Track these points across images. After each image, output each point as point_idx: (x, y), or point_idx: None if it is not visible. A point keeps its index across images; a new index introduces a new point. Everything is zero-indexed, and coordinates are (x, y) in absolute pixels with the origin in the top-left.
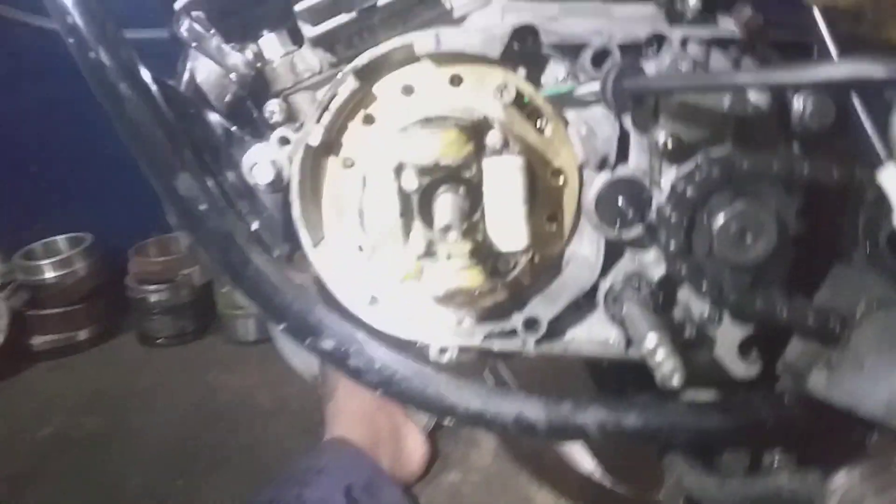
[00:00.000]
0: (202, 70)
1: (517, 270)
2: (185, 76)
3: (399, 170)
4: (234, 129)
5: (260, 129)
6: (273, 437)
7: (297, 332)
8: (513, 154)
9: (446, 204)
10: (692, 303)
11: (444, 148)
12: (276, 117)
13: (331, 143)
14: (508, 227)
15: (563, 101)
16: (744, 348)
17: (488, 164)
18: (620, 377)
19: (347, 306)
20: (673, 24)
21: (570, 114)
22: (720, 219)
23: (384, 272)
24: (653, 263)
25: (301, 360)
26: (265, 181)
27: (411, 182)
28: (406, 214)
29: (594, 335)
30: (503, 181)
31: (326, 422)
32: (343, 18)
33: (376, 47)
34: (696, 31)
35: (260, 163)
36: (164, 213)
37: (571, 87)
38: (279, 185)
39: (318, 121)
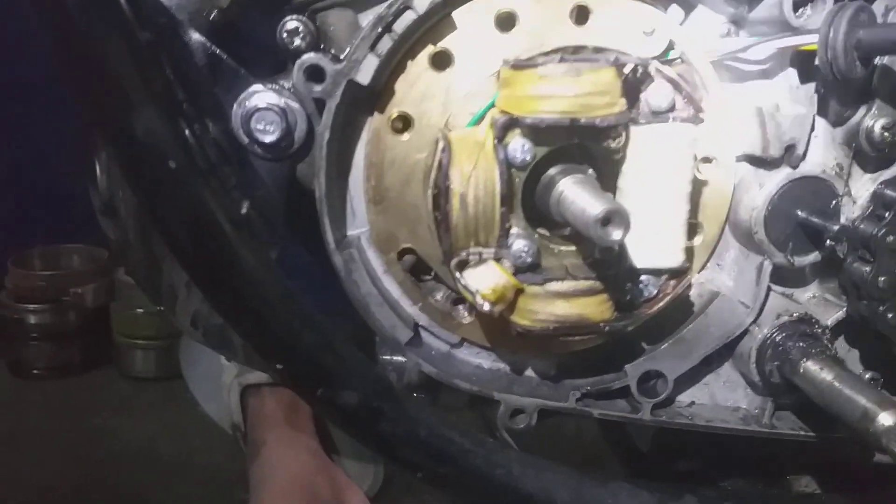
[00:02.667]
0: None
1: (658, 302)
2: None
3: (505, 129)
4: (225, 57)
5: (263, 62)
6: (176, 499)
7: (303, 377)
8: (685, 120)
9: (573, 191)
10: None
11: (590, 96)
12: (299, 41)
13: (376, 93)
14: (661, 233)
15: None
16: None
17: (644, 132)
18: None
19: (387, 337)
20: None
21: (739, 85)
22: None
23: (460, 287)
24: (816, 303)
25: (218, 404)
26: (268, 140)
27: (522, 150)
28: (508, 203)
29: (720, 399)
30: (662, 161)
31: (252, 485)
32: None
33: None
34: None
35: (262, 111)
36: (56, 214)
37: (757, 39)
38: (286, 149)
39: (373, 48)
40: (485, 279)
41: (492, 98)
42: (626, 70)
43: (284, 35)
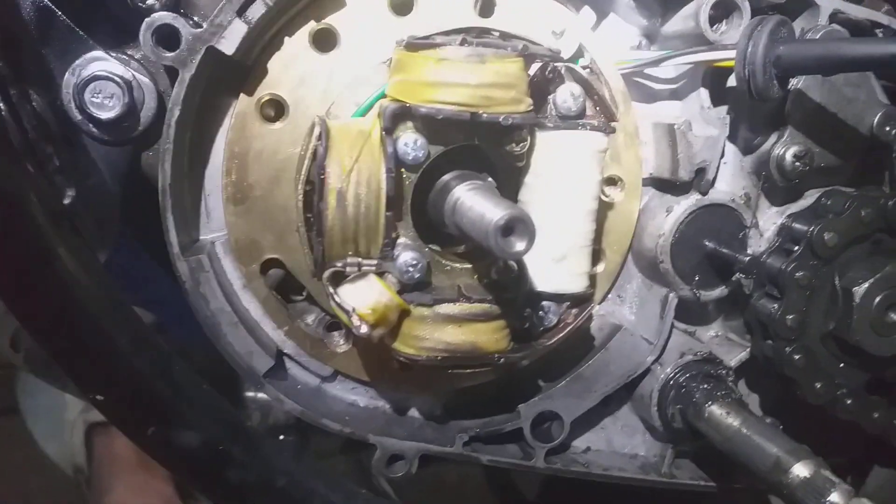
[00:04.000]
0: None
1: (558, 332)
2: None
3: (395, 119)
4: (59, 13)
5: (111, 28)
6: None
7: (130, 412)
8: (595, 128)
9: (471, 197)
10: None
11: (495, 87)
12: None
13: (243, 70)
14: (565, 254)
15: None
16: None
17: (550, 138)
18: None
19: (241, 366)
20: None
21: (648, 105)
22: (862, 284)
23: (333, 305)
24: (719, 342)
25: (60, 444)
26: (105, 116)
27: (414, 147)
28: (395, 207)
29: (618, 445)
30: (569, 173)
31: None
32: None
33: None
34: (848, 8)
35: (100, 81)
36: None
37: (667, 53)
38: (129, 130)
39: (242, 13)
40: (363, 296)
41: (382, 87)
42: (534, 65)
43: None
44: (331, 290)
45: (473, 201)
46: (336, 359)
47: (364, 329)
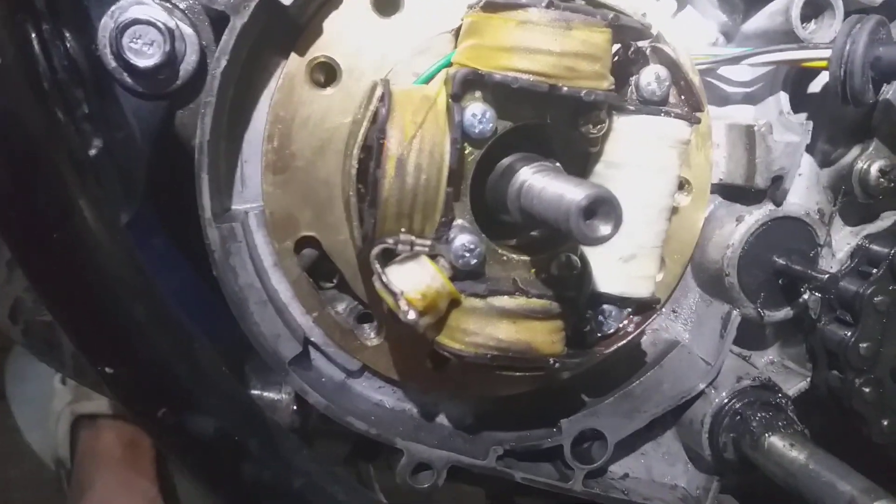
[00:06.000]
0: None
1: (617, 340)
2: None
3: (465, 86)
4: None
5: None
6: None
7: (141, 389)
8: (680, 116)
9: (542, 180)
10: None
11: (579, 58)
12: None
13: (297, 27)
14: (634, 254)
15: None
16: None
17: (629, 124)
18: None
19: (267, 349)
20: None
21: (719, 108)
22: None
23: (378, 286)
24: (775, 369)
25: (43, 433)
26: (143, 64)
27: (483, 119)
28: (455, 183)
29: (657, 474)
30: (646, 163)
31: None
32: None
33: None
34: None
35: (141, 26)
36: None
37: (751, 49)
38: (166, 83)
39: None
40: (413, 279)
41: (446, 57)
42: (617, 47)
43: None
44: (379, 269)
45: (546, 183)
46: (365, 353)
47: (412, 315)
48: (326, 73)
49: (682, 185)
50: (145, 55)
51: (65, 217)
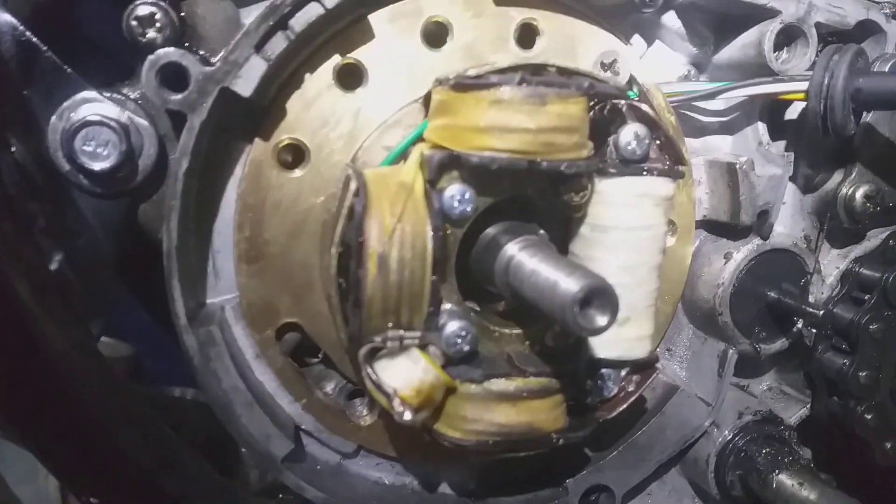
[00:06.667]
0: None
1: (620, 403)
2: None
3: (441, 170)
4: (44, 49)
5: (104, 65)
6: None
7: None
8: (662, 173)
9: (531, 260)
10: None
11: (556, 132)
12: (154, 33)
13: (259, 113)
14: (628, 316)
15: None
16: None
17: (612, 186)
18: None
19: (258, 452)
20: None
21: (694, 140)
22: None
23: (369, 386)
24: (773, 396)
25: (33, 491)
26: (99, 167)
27: (462, 200)
28: (440, 269)
29: None
30: (632, 223)
31: None
32: None
33: None
34: None
35: (93, 127)
36: None
37: (726, 84)
38: (125, 181)
39: (260, 48)
40: (406, 375)
41: (416, 129)
42: (596, 103)
43: (133, 23)
44: (368, 370)
45: (535, 265)
46: (360, 433)
47: (408, 415)
48: (294, 155)
49: (669, 225)
50: (101, 157)
51: (29, 345)
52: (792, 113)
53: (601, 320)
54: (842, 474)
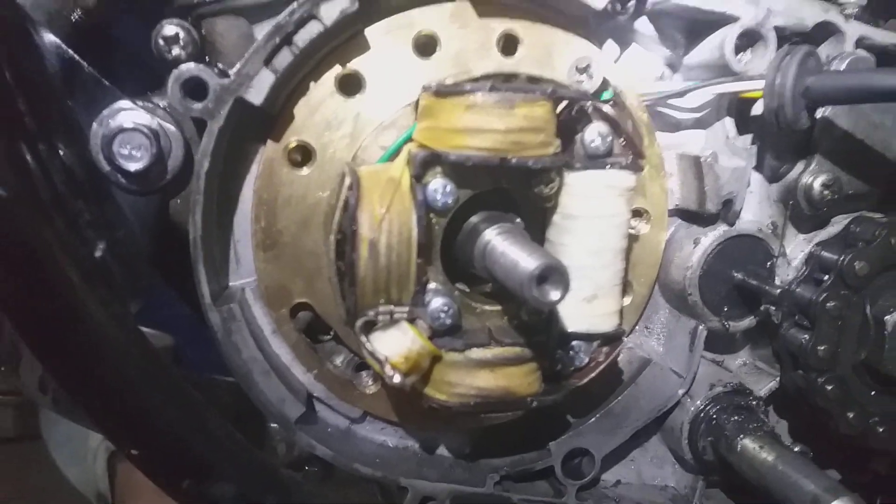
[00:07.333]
0: None
1: (590, 372)
2: None
3: (425, 166)
4: (85, 65)
5: (136, 76)
6: None
7: (165, 465)
8: (623, 167)
9: (502, 243)
10: None
11: (524, 132)
12: (179, 50)
13: (270, 118)
14: (595, 293)
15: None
16: None
17: (579, 178)
18: None
19: (274, 413)
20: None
21: (671, 135)
22: (893, 314)
23: (365, 354)
24: (748, 371)
25: (82, 470)
26: (134, 168)
27: (444, 193)
28: (426, 253)
29: (647, 477)
30: (598, 212)
31: None
32: None
33: None
34: (874, 33)
35: (128, 133)
36: None
37: (691, 84)
38: (157, 180)
39: (269, 62)
40: (396, 344)
41: (408, 130)
42: (562, 106)
43: (161, 42)
44: (363, 339)
45: (505, 247)
46: (365, 400)
47: (397, 378)
48: (302, 154)
49: (641, 213)
50: (135, 159)
51: (79, 324)
52: (758, 109)
53: (554, 294)
54: (819, 445)
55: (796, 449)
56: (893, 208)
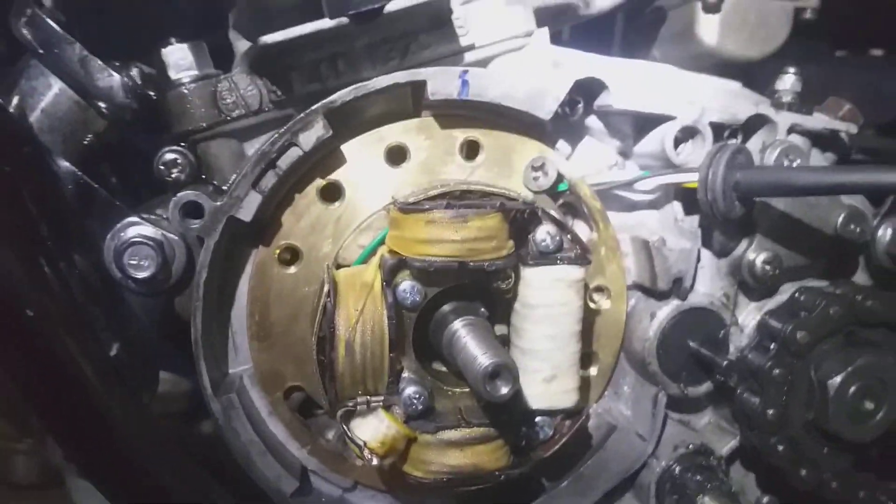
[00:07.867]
0: (46, 95)
1: (554, 444)
2: (14, 101)
3: (393, 271)
4: (97, 186)
5: (138, 192)
6: None
7: None
8: (572, 262)
9: (464, 336)
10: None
11: (477, 241)
12: (178, 173)
13: (261, 226)
14: (554, 373)
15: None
16: None
17: (533, 273)
18: None
19: (272, 489)
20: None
21: (628, 214)
22: (836, 377)
23: (347, 440)
24: (712, 429)
25: None
26: (142, 275)
27: (412, 292)
28: (398, 346)
29: None
30: (552, 301)
31: None
32: (315, 26)
33: (365, 83)
34: (804, 120)
35: (136, 246)
36: None
37: (644, 174)
38: (162, 283)
39: (256, 185)
40: (373, 430)
41: (382, 232)
42: (510, 212)
43: (162, 167)
44: (344, 427)
45: (467, 340)
46: (356, 471)
47: (375, 461)
48: (291, 255)
49: (602, 289)
50: (143, 268)
51: (95, 417)
52: None
53: (504, 389)
54: (786, 496)
55: (765, 500)
56: (839, 275)
